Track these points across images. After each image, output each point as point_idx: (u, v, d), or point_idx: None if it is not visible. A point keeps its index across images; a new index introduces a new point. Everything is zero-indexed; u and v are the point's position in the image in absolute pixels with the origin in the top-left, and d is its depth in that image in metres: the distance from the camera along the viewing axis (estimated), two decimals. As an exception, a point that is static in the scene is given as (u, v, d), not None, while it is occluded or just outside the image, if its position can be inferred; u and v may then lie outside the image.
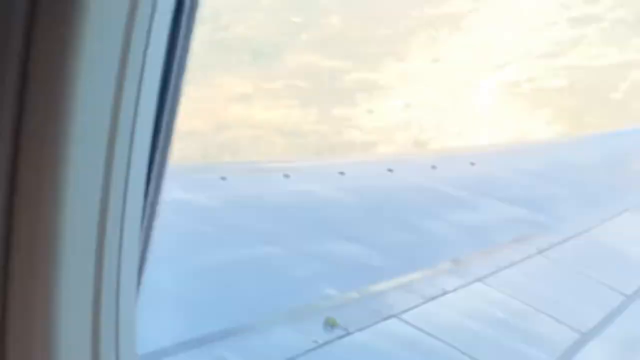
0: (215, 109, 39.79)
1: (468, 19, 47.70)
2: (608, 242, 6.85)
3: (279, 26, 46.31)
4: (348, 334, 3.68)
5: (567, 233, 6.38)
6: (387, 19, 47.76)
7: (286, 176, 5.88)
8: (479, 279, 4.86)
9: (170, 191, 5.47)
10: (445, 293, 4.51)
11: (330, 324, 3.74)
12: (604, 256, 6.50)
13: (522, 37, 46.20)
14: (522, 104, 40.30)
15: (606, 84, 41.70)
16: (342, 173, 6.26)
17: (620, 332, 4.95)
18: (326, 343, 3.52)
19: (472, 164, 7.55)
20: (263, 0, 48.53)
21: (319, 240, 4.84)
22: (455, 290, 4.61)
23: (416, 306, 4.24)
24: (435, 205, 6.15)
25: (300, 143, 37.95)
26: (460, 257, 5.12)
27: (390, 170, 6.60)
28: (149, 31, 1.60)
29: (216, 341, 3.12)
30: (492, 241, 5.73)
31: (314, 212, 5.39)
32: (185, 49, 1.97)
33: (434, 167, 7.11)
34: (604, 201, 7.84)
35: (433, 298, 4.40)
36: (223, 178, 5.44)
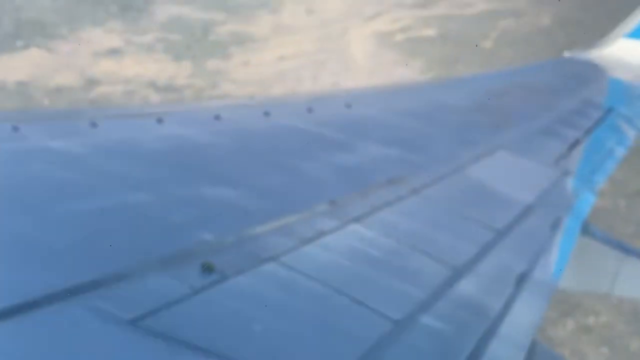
0: (84, 65, 38.50)
1: (340, -31, 47.72)
2: (481, 179, 6.98)
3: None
4: (225, 278, 3.59)
5: (440, 172, 6.46)
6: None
7: (160, 121, 5.68)
8: (354, 220, 4.86)
9: (38, 139, 5.21)
10: (322, 235, 4.48)
11: (206, 269, 3.63)
12: (477, 194, 6.63)
13: (393, -13, 46.67)
14: (396, 54, 40.82)
15: (476, 33, 42.73)
16: (217, 117, 6.12)
17: (491, 266, 5.07)
18: (203, 288, 3.42)
19: (348, 105, 7.53)
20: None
21: (193, 185, 4.70)
22: (331, 231, 4.58)
23: (294, 248, 4.19)
24: (311, 147, 6.10)
25: (175, 98, 37.22)
26: (336, 199, 5.09)
27: (266, 113, 6.50)
28: None
29: (88, 291, 2.97)
30: (368, 182, 5.73)
31: (188, 157, 5.24)
32: None
33: (309, 109, 7.04)
34: (477, 140, 8.00)
35: (310, 240, 4.36)
36: (93, 124, 5.21)
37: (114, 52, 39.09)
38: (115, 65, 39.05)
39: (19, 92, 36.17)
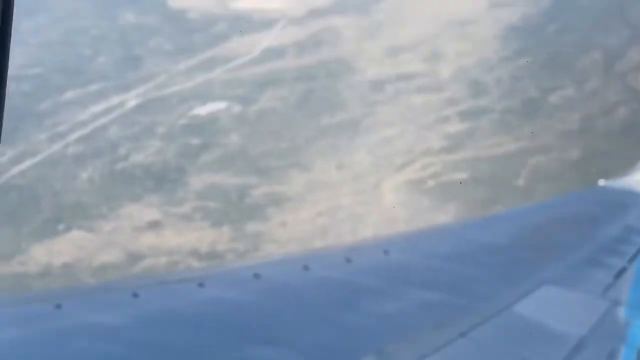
0: (126, 241, 39.24)
1: (364, 123, 48.93)
2: (529, 317, 6.85)
3: (178, 150, 46.49)
4: None
5: (487, 313, 6.36)
6: (285, 132, 48.58)
7: (201, 285, 5.73)
8: None
9: (79, 314, 5.25)
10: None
11: None
12: (527, 332, 6.48)
13: (418, 134, 47.57)
14: (431, 200, 41.09)
15: (507, 172, 43.07)
16: (257, 276, 6.15)
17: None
18: None
19: (387, 252, 7.54)
20: (158, 128, 48.78)
21: (236, 347, 4.66)
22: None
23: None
24: (352, 298, 6.07)
25: (218, 264, 37.55)
26: (383, 348, 5.00)
27: (305, 267, 6.53)
28: None
29: None
30: (413, 328, 5.64)
31: (230, 319, 5.23)
32: None
33: (348, 259, 7.06)
34: (521, 277, 7.90)
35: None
36: (135, 295, 5.26)
37: (154, 225, 39.83)
38: (157, 238, 39.71)
39: (64, 275, 36.82)
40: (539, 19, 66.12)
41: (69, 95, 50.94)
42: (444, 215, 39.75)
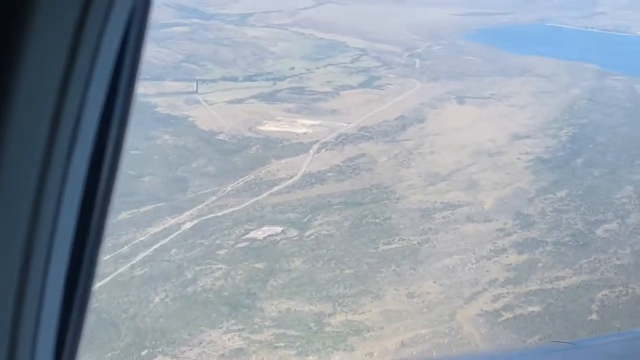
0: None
1: (422, 251, 49.45)
2: None
3: (244, 275, 46.23)
4: None
5: None
6: (347, 258, 48.77)
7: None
8: None
9: None
10: None
11: None
12: None
13: (479, 265, 48.21)
14: (510, 332, 41.39)
15: (579, 306, 43.75)
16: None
17: None
18: None
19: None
20: (219, 251, 48.62)
21: None
22: None
23: None
24: None
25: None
26: None
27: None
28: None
29: None
30: None
31: None
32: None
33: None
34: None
35: None
36: None
37: (238, 352, 39.22)
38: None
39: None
40: (562, 151, 68.58)
41: (124, 215, 50.63)
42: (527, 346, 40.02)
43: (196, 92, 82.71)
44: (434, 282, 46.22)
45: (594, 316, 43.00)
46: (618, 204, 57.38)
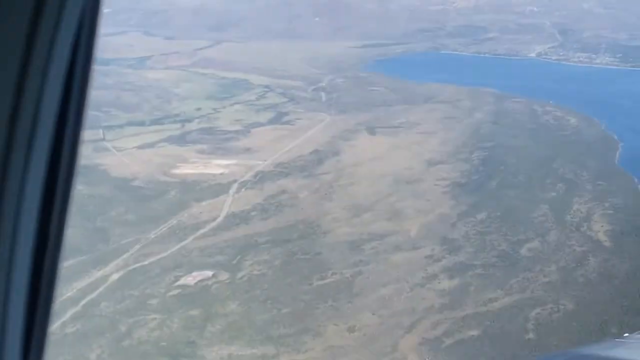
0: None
1: (357, 283, 49.18)
2: None
3: (180, 323, 44.69)
4: None
5: None
6: (283, 297, 47.54)
7: None
8: None
9: None
10: None
11: None
12: None
13: (413, 293, 48.45)
14: (457, 359, 41.76)
15: (515, 326, 44.48)
16: None
17: None
18: None
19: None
20: (151, 300, 47.30)
21: None
22: None
23: None
24: None
25: None
26: None
27: None
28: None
29: None
30: None
31: None
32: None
33: None
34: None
35: None
36: None
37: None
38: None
39: None
40: (477, 175, 70.12)
41: (47, 270, 48.74)
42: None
43: (104, 139, 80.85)
44: (373, 314, 46.24)
45: (531, 335, 43.82)
46: (537, 223, 58.98)
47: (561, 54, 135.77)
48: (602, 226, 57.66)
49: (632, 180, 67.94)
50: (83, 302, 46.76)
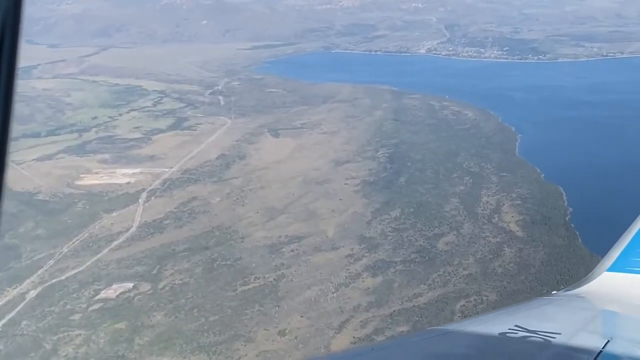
0: None
1: (281, 286, 49.13)
2: None
3: (106, 337, 43.56)
4: None
5: None
6: (209, 305, 47.22)
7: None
8: None
9: None
10: None
11: None
12: None
13: (339, 293, 48.73)
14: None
15: (442, 320, 45.37)
16: None
17: None
18: None
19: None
20: (73, 316, 45.82)
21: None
22: None
23: None
24: None
25: None
26: None
27: None
28: None
29: None
30: None
31: None
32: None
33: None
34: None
35: None
36: None
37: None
38: None
39: None
40: (385, 172, 71.07)
41: (-42, 293, 46.60)
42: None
43: (-2, 152, 77.55)
44: (301, 316, 46.21)
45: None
46: (449, 217, 60.33)
47: (450, 49, 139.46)
48: (512, 217, 59.55)
49: (534, 170, 70.46)
50: (2, 322, 44.82)
